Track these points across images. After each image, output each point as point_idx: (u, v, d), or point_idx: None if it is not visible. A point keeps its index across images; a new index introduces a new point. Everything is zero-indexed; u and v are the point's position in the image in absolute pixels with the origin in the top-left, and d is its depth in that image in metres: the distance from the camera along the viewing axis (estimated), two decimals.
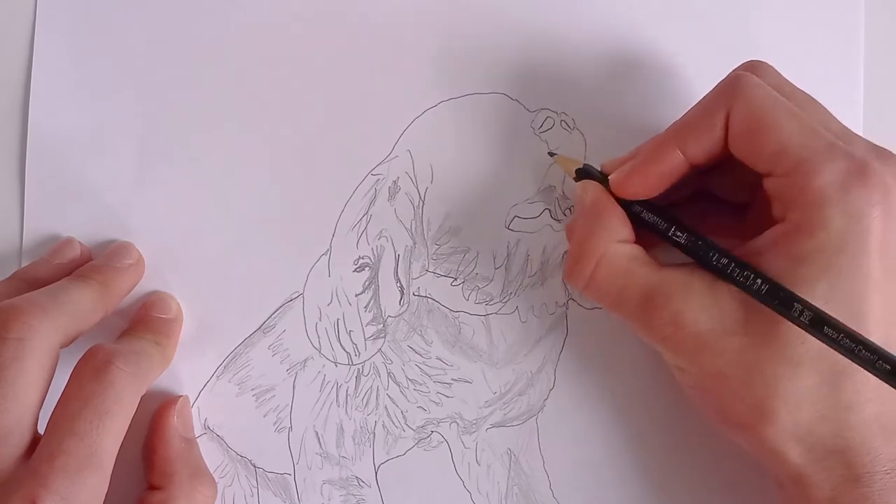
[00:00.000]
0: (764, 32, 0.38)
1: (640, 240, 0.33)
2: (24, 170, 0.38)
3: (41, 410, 0.31)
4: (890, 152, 0.31)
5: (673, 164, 0.32)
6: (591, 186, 0.34)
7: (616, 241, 0.32)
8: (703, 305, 0.31)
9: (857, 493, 0.29)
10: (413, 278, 0.37)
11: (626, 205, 0.33)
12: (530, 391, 0.37)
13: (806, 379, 0.29)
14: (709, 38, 0.38)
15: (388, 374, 0.37)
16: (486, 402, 0.38)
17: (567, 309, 0.38)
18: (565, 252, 0.37)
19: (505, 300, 0.38)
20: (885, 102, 0.38)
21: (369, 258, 0.37)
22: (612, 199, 0.33)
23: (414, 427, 0.37)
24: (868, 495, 0.29)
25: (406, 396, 0.37)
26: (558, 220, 0.37)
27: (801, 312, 0.28)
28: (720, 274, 0.31)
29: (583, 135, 0.38)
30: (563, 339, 0.38)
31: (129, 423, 0.31)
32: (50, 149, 0.38)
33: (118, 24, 0.38)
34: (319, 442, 0.37)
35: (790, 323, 0.29)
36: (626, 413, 0.37)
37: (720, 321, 0.30)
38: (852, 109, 0.38)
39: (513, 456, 0.37)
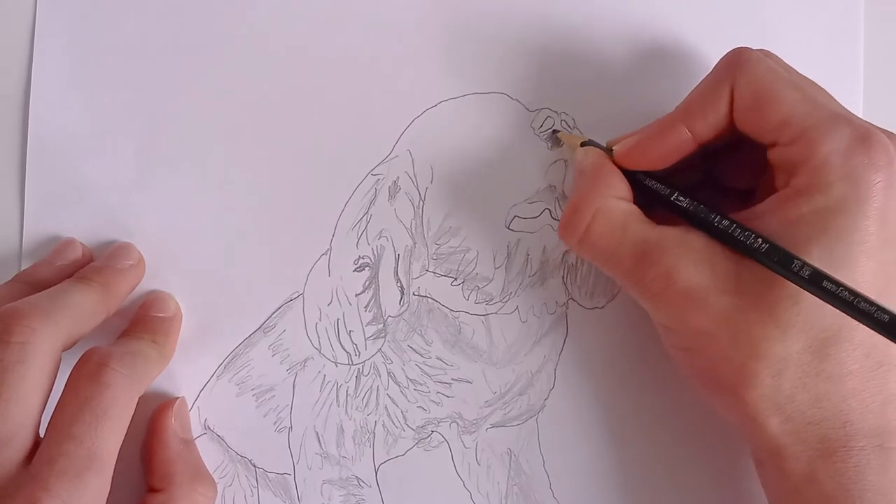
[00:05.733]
0: (765, 36, 0.38)
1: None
2: (24, 170, 0.38)
3: (42, 414, 0.31)
4: (892, 132, 0.31)
5: (679, 141, 0.33)
6: (593, 151, 0.35)
7: (614, 197, 0.33)
8: (696, 262, 0.31)
9: (832, 467, 0.30)
10: (413, 278, 0.37)
11: (629, 173, 0.34)
12: (530, 391, 0.38)
13: (793, 343, 0.29)
14: (712, 38, 0.38)
15: (388, 373, 0.37)
16: (486, 401, 0.38)
17: (567, 309, 0.38)
18: (566, 252, 0.37)
19: (505, 300, 0.38)
20: (885, 102, 0.38)
21: (369, 258, 0.37)
22: (613, 164, 0.34)
23: (414, 427, 0.38)
24: (843, 470, 0.30)
25: (406, 396, 0.37)
26: (558, 220, 0.37)
27: (801, 268, 0.28)
28: (720, 236, 0.31)
29: (583, 135, 0.37)
30: (563, 339, 0.38)
31: (127, 424, 0.31)
32: (50, 149, 0.38)
33: (118, 24, 0.38)
34: (319, 442, 0.37)
35: (783, 286, 0.29)
36: (626, 412, 0.37)
37: (712, 279, 0.30)
38: (852, 109, 0.38)
39: (513, 456, 0.37)
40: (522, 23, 0.38)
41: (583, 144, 0.35)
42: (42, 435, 0.31)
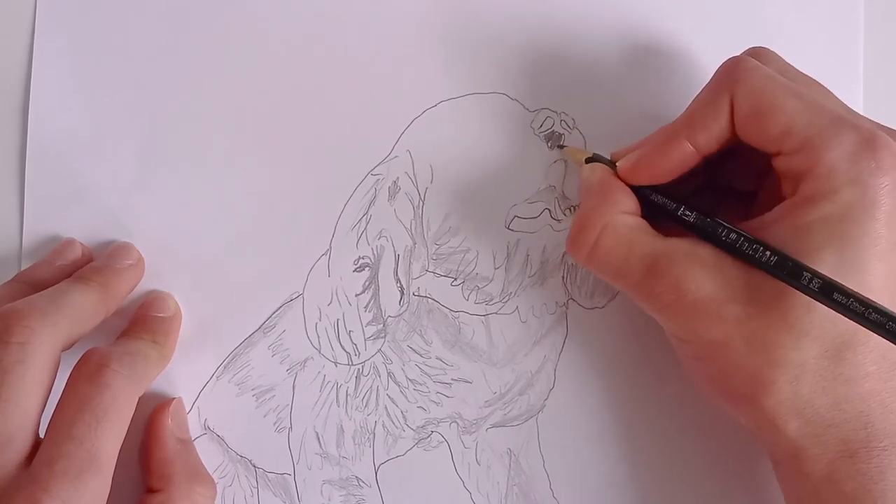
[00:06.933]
0: (765, 36, 0.38)
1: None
2: (24, 170, 0.38)
3: (42, 415, 0.31)
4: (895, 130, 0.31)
5: (682, 156, 0.33)
6: (599, 167, 0.34)
7: (621, 212, 0.33)
8: (706, 273, 0.30)
9: (853, 468, 0.29)
10: (413, 278, 0.37)
11: (634, 188, 0.34)
12: (530, 391, 0.38)
13: (809, 349, 0.29)
14: (711, 38, 0.38)
15: (388, 374, 0.37)
16: (486, 402, 0.38)
17: (567, 309, 0.38)
18: (566, 252, 0.37)
19: (505, 300, 0.38)
20: (885, 102, 0.38)
21: (369, 258, 0.37)
22: (619, 179, 0.34)
23: (414, 427, 0.38)
24: (864, 471, 0.29)
25: (406, 396, 0.37)
26: (558, 220, 0.37)
27: (811, 280, 0.28)
28: (729, 249, 0.31)
29: (582, 135, 0.38)
30: (563, 339, 0.38)
31: (127, 424, 0.31)
32: (50, 149, 0.38)
33: (118, 24, 0.38)
34: (319, 442, 0.37)
35: (796, 293, 0.29)
36: (626, 413, 0.37)
37: (723, 289, 0.30)
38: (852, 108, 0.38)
39: (513, 456, 0.37)
40: (522, 23, 0.38)
41: (588, 160, 0.35)
42: (42, 436, 0.30)
